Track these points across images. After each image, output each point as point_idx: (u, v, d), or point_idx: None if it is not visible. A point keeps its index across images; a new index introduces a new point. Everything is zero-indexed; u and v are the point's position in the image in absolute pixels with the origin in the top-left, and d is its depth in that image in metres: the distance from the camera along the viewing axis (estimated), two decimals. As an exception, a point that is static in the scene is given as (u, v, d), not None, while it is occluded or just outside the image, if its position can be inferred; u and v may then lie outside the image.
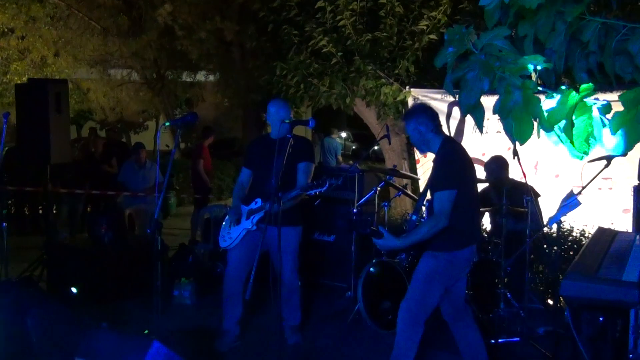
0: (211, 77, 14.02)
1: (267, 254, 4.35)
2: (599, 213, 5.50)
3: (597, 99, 1.91)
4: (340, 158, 12.45)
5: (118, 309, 5.42)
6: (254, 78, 9.33)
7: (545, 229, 5.24)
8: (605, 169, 4.03)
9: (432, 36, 7.17)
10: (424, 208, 3.89)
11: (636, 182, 4.13)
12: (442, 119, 6.84)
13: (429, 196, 3.55)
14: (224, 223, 4.57)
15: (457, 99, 1.93)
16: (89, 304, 5.43)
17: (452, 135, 6.81)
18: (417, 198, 4.99)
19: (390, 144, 6.72)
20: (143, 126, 21.14)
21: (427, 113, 3.55)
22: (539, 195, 5.25)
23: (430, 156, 7.14)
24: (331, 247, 6.19)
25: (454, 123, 6.89)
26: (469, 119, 6.66)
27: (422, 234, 3.31)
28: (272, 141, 4.26)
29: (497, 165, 5.35)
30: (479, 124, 2.01)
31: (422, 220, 3.78)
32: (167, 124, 4.22)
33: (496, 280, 4.86)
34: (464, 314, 3.66)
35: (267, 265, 4.07)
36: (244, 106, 10.89)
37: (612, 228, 3.95)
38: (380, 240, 3.34)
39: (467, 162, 3.51)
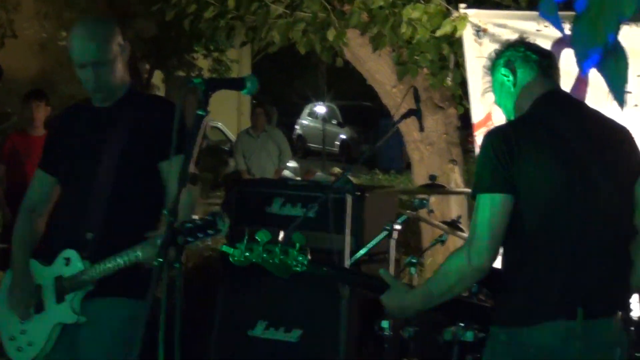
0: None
1: None
2: None
3: None
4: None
5: None
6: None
7: None
8: None
9: None
10: None
11: None
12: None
13: None
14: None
15: (569, 35, 1.81)
16: None
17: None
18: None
19: (422, 130, 6.40)
20: None
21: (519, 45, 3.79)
22: None
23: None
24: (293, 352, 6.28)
25: (566, 82, 6.95)
26: (595, 77, 6.20)
27: (440, 280, 3.53)
28: (99, 114, 4.30)
29: None
30: (617, 86, 1.83)
31: None
32: None
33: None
34: None
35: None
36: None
37: None
38: (385, 295, 3.68)
39: (553, 137, 3.58)
